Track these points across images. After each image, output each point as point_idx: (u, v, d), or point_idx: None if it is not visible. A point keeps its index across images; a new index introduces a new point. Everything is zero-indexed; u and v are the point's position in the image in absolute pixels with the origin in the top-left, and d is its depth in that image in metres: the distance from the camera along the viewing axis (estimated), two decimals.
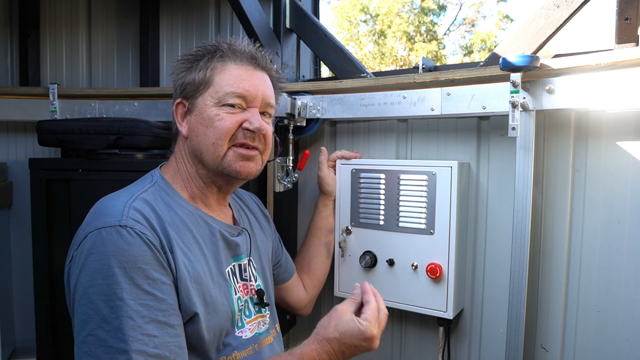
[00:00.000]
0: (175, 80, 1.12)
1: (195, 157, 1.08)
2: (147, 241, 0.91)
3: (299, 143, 1.76)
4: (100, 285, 0.86)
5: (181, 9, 2.11)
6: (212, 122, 1.04)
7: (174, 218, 1.01)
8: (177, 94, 1.12)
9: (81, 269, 0.89)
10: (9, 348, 1.97)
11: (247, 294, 1.16)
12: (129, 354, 0.83)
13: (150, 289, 0.89)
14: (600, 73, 1.17)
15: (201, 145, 1.05)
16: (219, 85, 1.05)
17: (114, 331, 0.84)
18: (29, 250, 1.57)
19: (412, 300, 1.44)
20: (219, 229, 1.11)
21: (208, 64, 1.07)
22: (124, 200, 0.97)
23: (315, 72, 2.10)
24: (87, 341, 0.85)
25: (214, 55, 1.08)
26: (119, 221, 0.91)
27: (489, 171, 1.46)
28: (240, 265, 1.16)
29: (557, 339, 1.36)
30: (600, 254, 1.29)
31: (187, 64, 1.10)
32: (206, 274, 1.02)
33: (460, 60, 14.85)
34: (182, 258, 0.97)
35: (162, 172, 1.12)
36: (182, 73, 1.10)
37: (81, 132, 1.52)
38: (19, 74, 2.07)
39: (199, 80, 1.06)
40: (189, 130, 1.08)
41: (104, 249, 0.88)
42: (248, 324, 1.14)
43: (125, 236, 0.89)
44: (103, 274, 0.87)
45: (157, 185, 1.06)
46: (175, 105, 1.12)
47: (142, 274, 0.88)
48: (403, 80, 1.46)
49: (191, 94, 1.08)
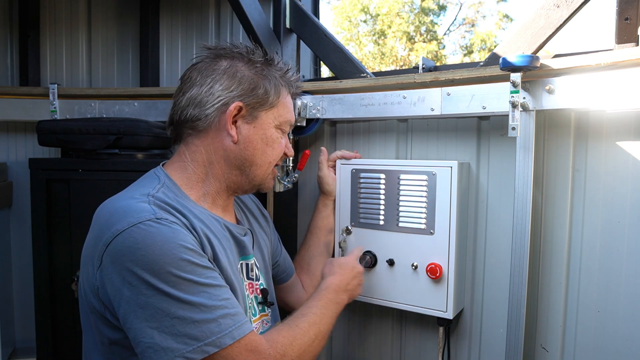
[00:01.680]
0: (241, 78, 1.07)
1: (237, 164, 1.09)
2: (186, 227, 0.95)
3: (299, 143, 1.76)
4: (163, 274, 0.86)
5: (181, 9, 2.11)
6: (273, 142, 1.12)
7: (189, 215, 1.01)
8: (237, 93, 1.07)
9: (129, 267, 0.87)
10: (9, 348, 1.97)
11: (252, 293, 1.17)
12: (217, 320, 0.88)
13: (206, 264, 0.93)
14: (600, 73, 1.17)
15: (256, 158, 1.10)
16: (282, 110, 1.13)
17: (196, 307, 0.87)
18: (29, 250, 1.57)
19: (412, 300, 1.44)
20: (228, 226, 1.12)
21: (279, 84, 1.12)
22: (142, 198, 0.97)
23: (315, 72, 2.10)
24: (173, 324, 0.86)
25: (282, 77, 1.13)
26: (154, 214, 0.92)
27: (489, 171, 1.46)
28: (248, 264, 1.17)
29: (557, 339, 1.36)
30: (600, 253, 1.29)
31: (257, 67, 1.09)
32: (227, 266, 1.03)
33: (460, 60, 14.86)
34: (208, 248, 0.99)
35: (168, 172, 1.10)
36: (250, 74, 1.08)
37: (81, 132, 1.52)
38: (19, 74, 2.08)
39: (272, 97, 1.10)
40: (243, 138, 1.08)
41: (151, 240, 0.88)
42: (254, 323, 1.15)
43: (168, 225, 0.91)
44: (160, 262, 0.87)
45: (166, 185, 1.05)
46: (235, 106, 1.06)
47: (194, 253, 0.92)
48: (403, 80, 1.46)
49: (256, 105, 1.08)
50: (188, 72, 1.11)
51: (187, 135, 1.11)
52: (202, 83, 1.07)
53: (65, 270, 1.52)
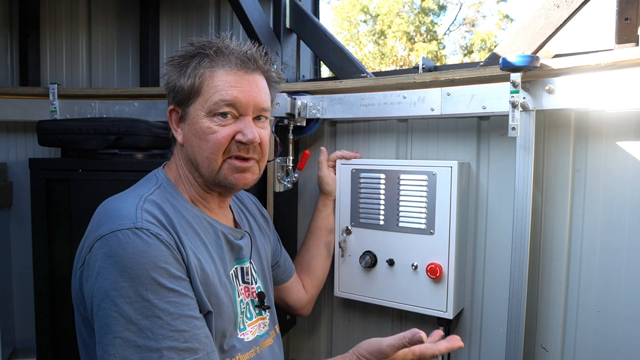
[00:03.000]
0: (167, 84, 1.08)
1: (192, 165, 1.06)
2: (164, 241, 0.91)
3: (299, 143, 1.76)
4: (124, 288, 0.85)
5: (181, 9, 2.11)
6: (204, 135, 1.02)
7: (181, 220, 1.00)
8: (170, 99, 1.08)
9: (99, 272, 0.87)
10: (9, 348, 1.97)
11: (248, 296, 1.16)
12: (160, 351, 0.84)
13: (174, 286, 0.89)
14: (600, 73, 1.17)
15: (196, 156, 1.04)
16: (208, 94, 1.01)
17: (142, 331, 0.84)
18: (29, 250, 1.57)
19: (412, 300, 1.44)
20: (223, 231, 1.10)
21: (196, 70, 1.02)
22: (133, 202, 0.96)
23: (315, 72, 2.10)
24: (115, 344, 0.84)
25: (202, 61, 1.02)
26: (134, 223, 0.90)
27: (489, 171, 1.46)
28: (243, 268, 1.16)
29: (557, 339, 1.36)
30: (600, 253, 1.29)
31: (176, 68, 1.06)
32: (214, 276, 1.02)
33: (460, 60, 14.85)
34: (193, 259, 0.96)
35: (166, 172, 1.10)
36: (173, 77, 1.06)
37: (81, 132, 1.52)
38: (19, 74, 2.07)
39: (188, 88, 1.02)
40: (184, 139, 1.06)
41: (123, 251, 0.87)
42: (250, 327, 1.14)
43: (144, 237, 0.89)
44: (126, 276, 0.86)
45: (163, 187, 1.05)
46: (169, 111, 1.09)
47: (164, 272, 0.88)
48: (403, 80, 1.46)
49: (183, 102, 1.05)
50: None
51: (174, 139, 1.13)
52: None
53: (65, 270, 1.52)
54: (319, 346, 1.81)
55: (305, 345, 1.84)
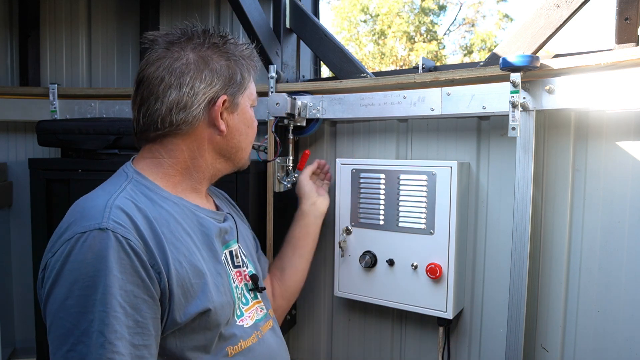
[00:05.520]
0: (218, 70, 1.03)
1: (224, 154, 1.10)
2: (126, 248, 0.85)
3: (299, 143, 1.76)
4: (78, 297, 0.82)
5: (181, 9, 2.11)
6: (252, 123, 1.15)
7: (160, 212, 0.96)
8: (220, 87, 1.03)
9: (56, 279, 0.84)
10: (9, 348, 1.97)
11: (241, 281, 1.13)
12: None
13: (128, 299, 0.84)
14: (600, 73, 1.17)
15: (242, 143, 1.12)
16: (252, 87, 1.14)
17: (95, 346, 0.80)
18: (29, 250, 1.57)
19: (412, 300, 1.44)
20: (205, 217, 1.07)
21: (247, 62, 1.10)
22: (103, 200, 0.91)
23: (315, 72, 2.10)
24: (68, 357, 0.82)
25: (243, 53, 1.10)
26: (99, 224, 0.85)
27: (489, 171, 1.46)
28: (232, 252, 1.13)
29: (557, 339, 1.36)
30: (600, 254, 1.29)
31: (226, 53, 1.05)
32: (203, 266, 0.98)
33: (460, 60, 14.85)
34: (176, 254, 0.93)
35: (138, 167, 1.05)
36: (224, 61, 1.04)
37: (81, 132, 1.52)
38: (19, 74, 2.07)
39: (246, 79, 1.09)
40: (230, 127, 1.07)
41: (81, 257, 0.83)
42: (247, 312, 1.11)
43: (105, 241, 0.84)
44: (80, 285, 0.82)
45: (135, 180, 1.00)
46: (222, 101, 1.04)
47: (123, 283, 0.84)
48: (403, 80, 1.46)
49: (237, 91, 1.07)
50: (152, 72, 1.02)
51: (162, 137, 1.04)
52: (180, 84, 1.00)
53: None
54: (319, 346, 1.81)
55: (305, 345, 1.84)
